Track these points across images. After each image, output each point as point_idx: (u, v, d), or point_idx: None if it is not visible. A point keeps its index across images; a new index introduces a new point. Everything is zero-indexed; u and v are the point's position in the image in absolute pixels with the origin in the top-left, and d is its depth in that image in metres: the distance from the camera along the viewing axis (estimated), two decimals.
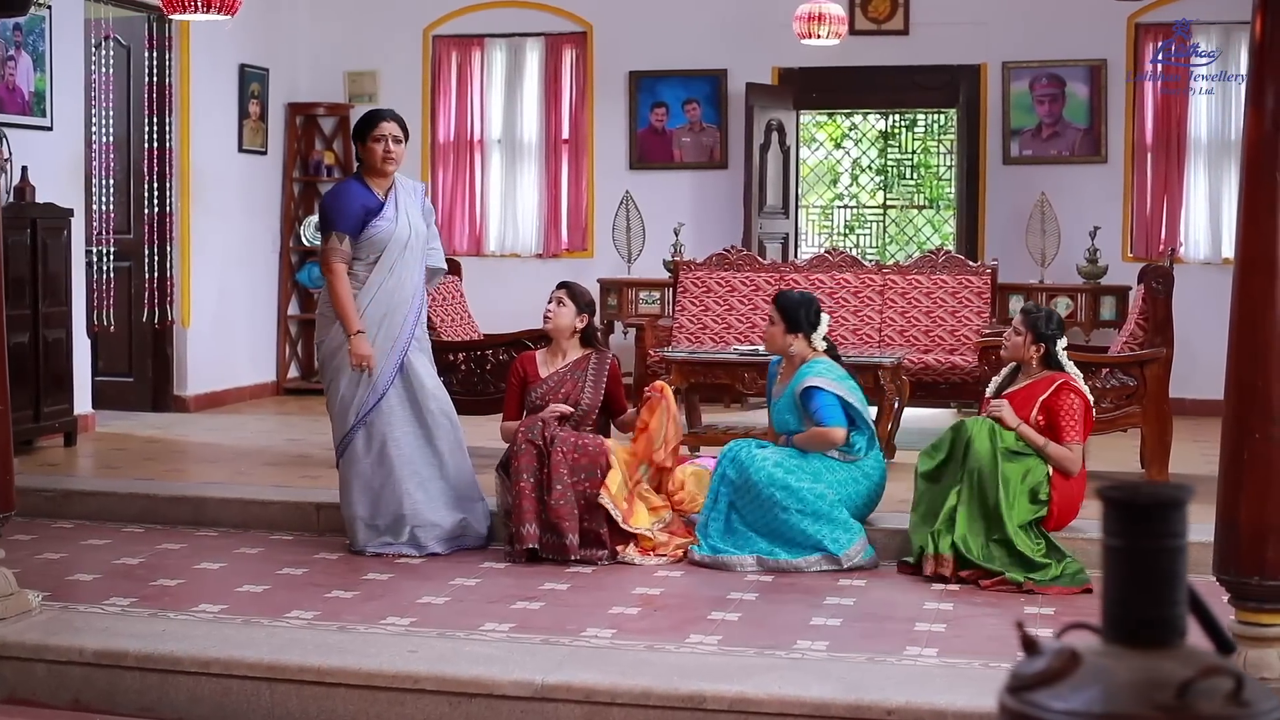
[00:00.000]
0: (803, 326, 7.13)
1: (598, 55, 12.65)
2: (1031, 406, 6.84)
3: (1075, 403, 6.84)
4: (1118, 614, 2.13)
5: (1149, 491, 2.13)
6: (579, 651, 5.47)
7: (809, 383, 7.00)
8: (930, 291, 10.22)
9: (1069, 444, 6.79)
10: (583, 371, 7.25)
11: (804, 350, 7.14)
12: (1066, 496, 6.78)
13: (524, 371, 7.30)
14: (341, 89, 13.00)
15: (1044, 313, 7.06)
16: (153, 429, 10.45)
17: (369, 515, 7.04)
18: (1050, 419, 6.82)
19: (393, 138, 7.04)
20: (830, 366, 7.10)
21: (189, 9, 7.12)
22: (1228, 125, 11.61)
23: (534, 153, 12.83)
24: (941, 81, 12.34)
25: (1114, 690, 2.03)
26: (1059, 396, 6.83)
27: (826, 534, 6.75)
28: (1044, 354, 6.95)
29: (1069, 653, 2.10)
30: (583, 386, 7.23)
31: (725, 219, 12.10)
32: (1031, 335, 6.93)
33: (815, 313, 7.17)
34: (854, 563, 6.75)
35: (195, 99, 11.43)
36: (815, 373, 7.03)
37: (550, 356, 7.34)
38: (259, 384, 12.44)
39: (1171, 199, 11.75)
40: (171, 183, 11.25)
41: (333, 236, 6.97)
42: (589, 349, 7.34)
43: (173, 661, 5.40)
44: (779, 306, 7.17)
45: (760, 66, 12.34)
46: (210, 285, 11.72)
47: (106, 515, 7.75)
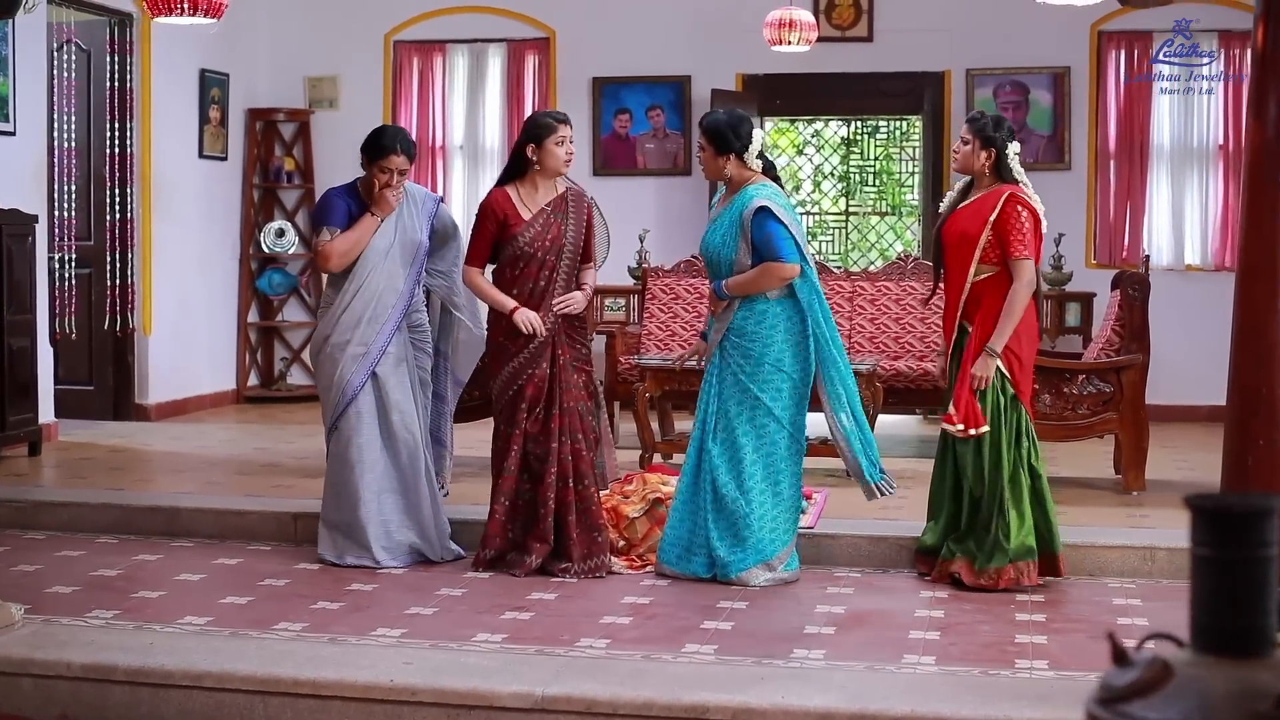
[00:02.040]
0: (733, 146, 6.63)
1: (561, 61, 12.60)
2: (979, 220, 6.53)
3: (1023, 215, 6.50)
4: (1207, 624, 2.11)
5: (1239, 501, 2.11)
6: (575, 662, 5.42)
7: (760, 203, 6.53)
8: (899, 298, 10.23)
9: (1014, 259, 6.47)
10: (563, 213, 6.88)
11: (740, 171, 6.68)
12: (1028, 325, 6.59)
13: (503, 213, 6.83)
14: (302, 94, 12.89)
15: (991, 117, 6.72)
16: (116, 438, 10.32)
17: (333, 518, 6.98)
18: (999, 236, 6.51)
19: (399, 172, 6.95)
20: (776, 192, 6.67)
21: (174, 12, 7.03)
22: (1190, 132, 11.71)
23: (496, 159, 12.74)
24: (906, 88, 12.38)
25: (1210, 701, 2.00)
26: (1006, 212, 6.49)
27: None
28: (995, 162, 6.62)
29: (1161, 663, 2.07)
30: (566, 227, 6.86)
31: (690, 226, 12.03)
32: (979, 142, 6.60)
33: (746, 132, 6.65)
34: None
35: (156, 104, 11.30)
36: (764, 195, 6.58)
37: (527, 195, 6.88)
38: (219, 392, 12.32)
39: (1135, 206, 11.82)
40: (133, 188, 11.12)
41: (324, 231, 6.93)
42: (563, 187, 6.94)
43: (164, 675, 5.32)
44: (705, 129, 6.70)
45: (724, 73, 12.32)
46: (171, 292, 11.59)
47: (78, 526, 7.63)
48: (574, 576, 6.72)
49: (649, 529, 7.05)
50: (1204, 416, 11.31)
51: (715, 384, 6.66)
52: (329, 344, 6.95)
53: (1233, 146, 11.64)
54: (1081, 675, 5.27)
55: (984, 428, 6.49)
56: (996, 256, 6.53)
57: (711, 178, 6.89)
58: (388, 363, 6.95)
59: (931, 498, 6.88)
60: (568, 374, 6.85)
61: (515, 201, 6.87)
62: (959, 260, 6.59)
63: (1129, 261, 11.59)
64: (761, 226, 6.53)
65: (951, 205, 6.80)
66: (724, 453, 6.60)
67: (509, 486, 6.83)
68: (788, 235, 6.57)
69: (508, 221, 6.83)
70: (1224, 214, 11.68)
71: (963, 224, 6.62)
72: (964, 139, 6.69)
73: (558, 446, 6.79)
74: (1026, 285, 6.50)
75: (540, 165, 6.83)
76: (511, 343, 6.84)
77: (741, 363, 6.59)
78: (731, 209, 6.66)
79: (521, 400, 6.81)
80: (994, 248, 6.52)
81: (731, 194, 6.74)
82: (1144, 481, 8.25)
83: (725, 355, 6.64)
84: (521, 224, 6.82)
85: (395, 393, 6.96)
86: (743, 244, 6.57)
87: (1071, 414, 8.24)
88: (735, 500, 6.57)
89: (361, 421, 6.89)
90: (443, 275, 7.28)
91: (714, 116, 6.75)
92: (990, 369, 6.52)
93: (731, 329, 6.62)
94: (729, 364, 6.63)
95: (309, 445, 9.97)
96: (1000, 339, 6.50)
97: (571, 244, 6.86)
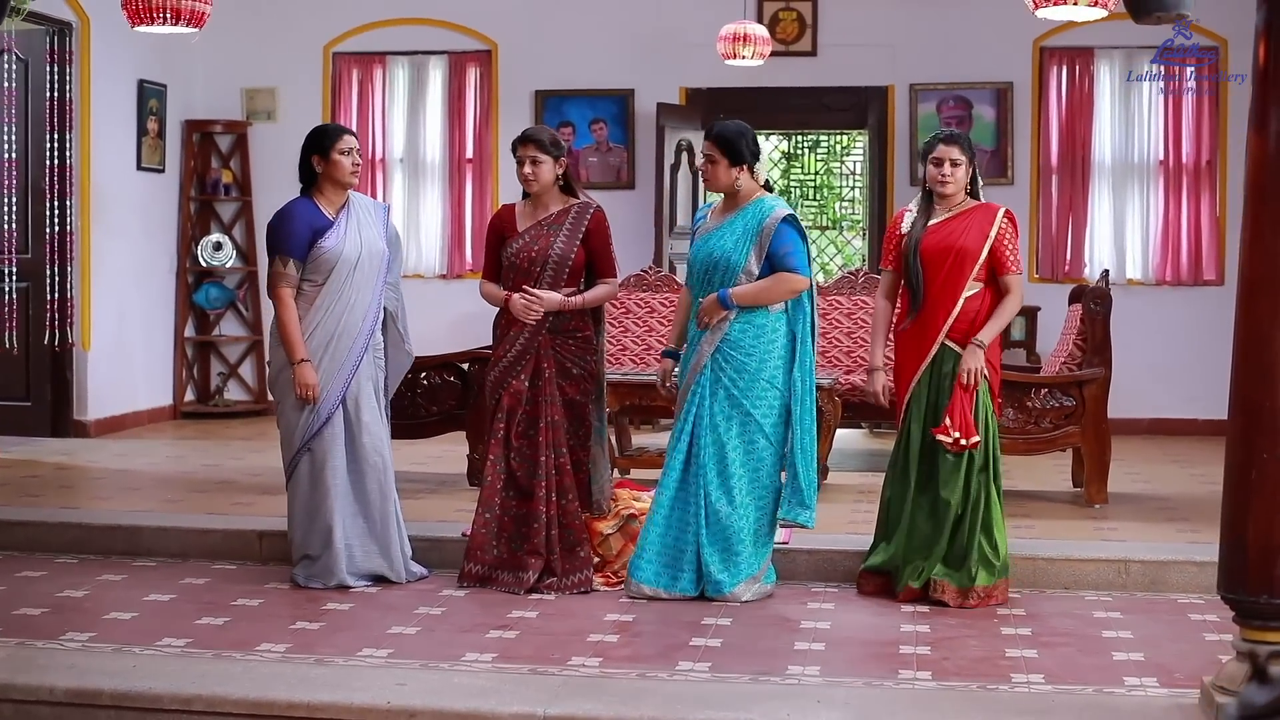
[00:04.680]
0: (746, 158, 6.54)
1: (503, 74, 12.53)
2: (978, 237, 6.54)
3: (1013, 231, 6.62)
4: None
5: None
6: (572, 681, 5.36)
7: (786, 212, 6.51)
8: (850, 312, 10.24)
9: (1012, 275, 6.58)
10: (560, 225, 6.82)
11: (750, 184, 6.61)
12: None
13: (502, 226, 6.90)
14: (239, 106, 12.72)
15: (965, 134, 6.74)
16: (59, 455, 10.11)
17: (303, 542, 6.85)
18: (996, 253, 6.56)
19: (358, 150, 6.87)
20: (787, 206, 6.71)
21: (155, 21, 6.89)
22: (1131, 147, 11.85)
23: (438, 172, 12.67)
24: (850, 103, 12.43)
25: None
26: (1005, 229, 6.57)
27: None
28: (971, 178, 6.68)
29: None
30: (555, 240, 6.79)
31: (634, 240, 12.00)
32: (967, 160, 6.63)
33: (754, 141, 6.59)
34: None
35: (96, 115, 11.10)
36: (786, 207, 6.55)
37: (531, 209, 6.88)
38: (156, 408, 12.11)
39: (1077, 220, 11.93)
40: (72, 201, 10.91)
41: (277, 260, 6.76)
42: (571, 199, 6.90)
43: (151, 699, 5.20)
44: (718, 140, 6.54)
45: (667, 86, 12.31)
46: (110, 307, 11.39)
47: (36, 546, 7.46)
48: (557, 592, 6.66)
49: (623, 545, 6.99)
50: (1145, 429, 11.45)
51: (707, 398, 6.58)
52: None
53: (1172, 162, 11.79)
54: (1079, 689, 5.29)
55: (975, 437, 6.51)
56: (985, 274, 6.57)
57: (718, 189, 6.70)
58: (358, 381, 6.83)
59: (887, 517, 6.82)
60: (552, 388, 6.79)
61: (517, 215, 6.93)
62: (951, 279, 6.58)
63: (1071, 275, 11.71)
64: (786, 237, 6.49)
65: (921, 223, 6.73)
66: (714, 467, 6.55)
67: (489, 497, 6.77)
68: (805, 249, 6.58)
69: (504, 234, 6.90)
70: (1164, 228, 11.83)
71: (956, 240, 6.61)
72: (954, 161, 6.65)
73: (545, 460, 6.74)
74: (1018, 300, 6.63)
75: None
76: (498, 345, 6.87)
77: (735, 377, 6.54)
78: (744, 218, 6.58)
79: (499, 410, 6.77)
80: (986, 266, 6.56)
81: (737, 205, 6.64)
82: (1106, 494, 8.30)
83: (718, 369, 6.58)
84: (515, 236, 6.84)
85: (365, 413, 6.84)
86: (754, 253, 6.52)
87: (1035, 428, 8.28)
88: (728, 516, 6.52)
89: (337, 443, 6.77)
90: (391, 287, 7.12)
91: (724, 127, 6.61)
92: (979, 361, 6.56)
93: (727, 342, 6.55)
94: (721, 378, 6.56)
95: (258, 461, 9.83)
96: (988, 334, 6.57)
97: (558, 256, 6.78)
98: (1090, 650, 5.84)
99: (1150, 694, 5.24)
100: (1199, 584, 6.76)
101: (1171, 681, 5.36)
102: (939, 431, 6.55)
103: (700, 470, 6.54)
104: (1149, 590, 6.82)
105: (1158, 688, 5.31)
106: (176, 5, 6.86)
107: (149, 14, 6.86)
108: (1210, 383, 11.76)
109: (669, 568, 6.58)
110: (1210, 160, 11.74)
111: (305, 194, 6.91)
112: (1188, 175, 11.80)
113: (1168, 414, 11.72)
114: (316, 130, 6.94)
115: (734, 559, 6.56)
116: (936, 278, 6.62)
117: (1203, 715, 4.92)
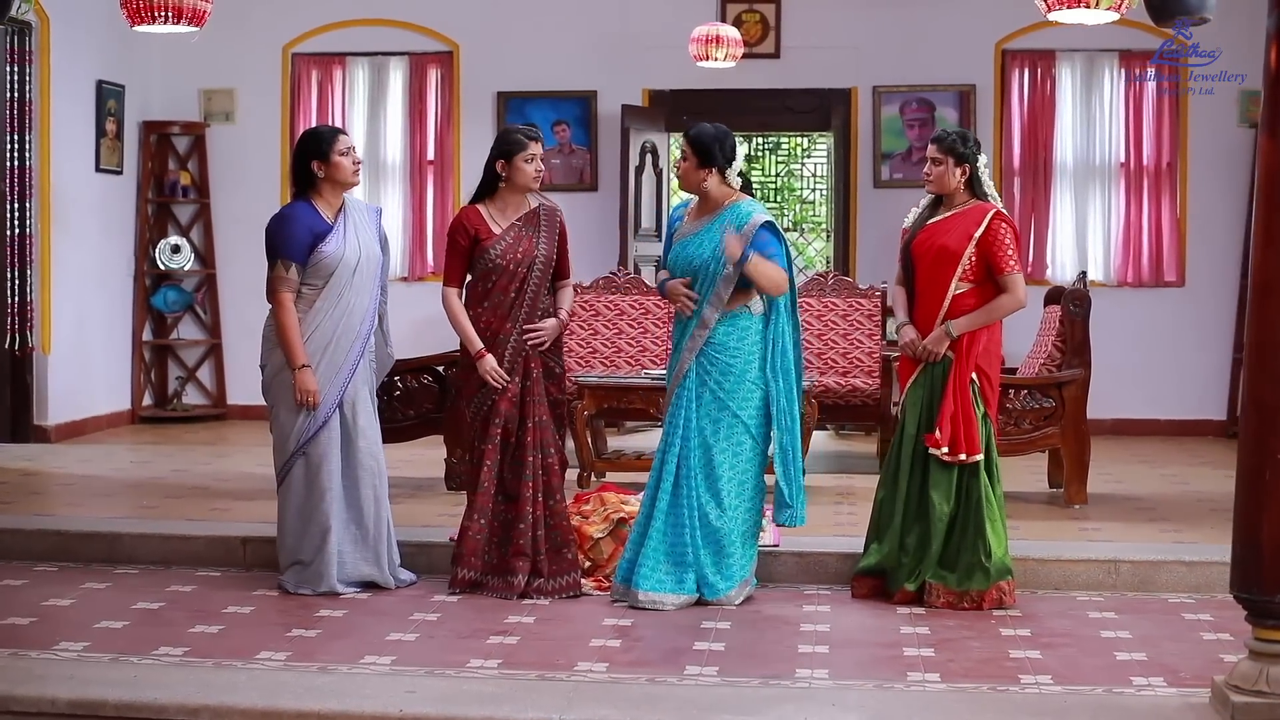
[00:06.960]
0: (717, 161, 6.59)
1: (464, 75, 12.46)
2: (962, 237, 6.56)
3: (1007, 231, 6.60)
4: None
5: None
6: (582, 687, 5.32)
7: (764, 218, 6.56)
8: (821, 314, 10.26)
9: (1007, 275, 6.58)
10: (535, 227, 6.79)
11: (720, 188, 6.66)
12: (996, 343, 6.71)
13: (474, 228, 6.75)
14: (197, 107, 12.58)
15: (956, 133, 6.73)
16: (21, 460, 9.96)
17: (295, 547, 6.77)
18: (983, 254, 6.57)
19: (356, 150, 6.81)
20: (766, 211, 6.74)
21: (156, 20, 6.78)
22: (1092, 150, 11.95)
23: (398, 174, 12.59)
24: (813, 105, 12.45)
25: None
26: (993, 229, 6.56)
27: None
28: (969, 178, 6.67)
29: None
30: (538, 240, 6.77)
31: (597, 242, 11.99)
32: (951, 160, 6.63)
33: (730, 148, 6.65)
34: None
35: (55, 116, 10.95)
36: (764, 212, 6.61)
37: (498, 211, 6.80)
38: (115, 412, 11.97)
39: (1039, 221, 12.02)
40: (32, 203, 10.75)
41: (279, 264, 6.68)
42: (532, 200, 6.86)
43: (156, 710, 5.11)
44: (693, 140, 6.62)
45: (630, 88, 12.29)
46: (69, 310, 11.23)
47: (14, 554, 7.32)
48: (545, 595, 6.63)
49: (614, 549, 6.96)
50: (1109, 430, 11.51)
51: (693, 402, 6.57)
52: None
53: (1133, 164, 11.90)
54: (1089, 689, 5.31)
55: (978, 455, 6.51)
56: (976, 275, 6.57)
57: (686, 188, 6.81)
58: (355, 385, 6.76)
59: (880, 518, 6.82)
60: (540, 388, 6.76)
61: (486, 217, 6.80)
62: (936, 276, 6.61)
63: (1034, 277, 11.75)
64: (767, 243, 6.52)
65: (921, 220, 6.80)
66: (702, 473, 6.54)
67: (484, 503, 6.71)
68: (784, 251, 6.64)
69: (479, 236, 6.76)
70: (1125, 230, 11.94)
71: (940, 239, 6.63)
72: (934, 159, 6.68)
73: (532, 460, 6.71)
74: (1014, 299, 6.61)
75: (509, 181, 6.75)
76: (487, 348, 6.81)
77: (720, 379, 6.53)
78: (722, 225, 6.58)
79: (496, 415, 6.71)
80: (976, 266, 6.56)
81: (712, 209, 6.67)
82: (1086, 495, 8.35)
83: (703, 372, 6.57)
84: (493, 238, 6.75)
85: (362, 417, 6.78)
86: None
87: (1014, 429, 8.31)
88: (719, 519, 6.52)
89: (332, 447, 6.70)
90: (381, 289, 7.06)
91: (701, 129, 6.67)
92: (941, 346, 6.58)
93: (712, 344, 6.55)
94: (707, 380, 6.56)
95: (226, 467, 9.74)
96: (963, 324, 6.57)
97: (544, 257, 6.76)
98: (1092, 651, 5.86)
99: (1160, 694, 5.27)
100: (1188, 584, 6.82)
101: (1179, 681, 5.39)
102: (930, 441, 6.55)
103: (689, 475, 6.55)
104: (1139, 590, 6.86)
105: (1166, 688, 5.33)
106: (178, 4, 6.76)
107: (149, 13, 6.76)
108: (1172, 383, 12.02)
109: (674, 569, 6.56)
110: (1171, 162, 11.85)
111: (303, 197, 6.83)
112: (1149, 177, 11.90)
113: (1131, 414, 11.81)
114: (310, 134, 6.86)
115: (726, 562, 6.57)
116: (924, 275, 6.68)
117: (1216, 715, 4.96)
